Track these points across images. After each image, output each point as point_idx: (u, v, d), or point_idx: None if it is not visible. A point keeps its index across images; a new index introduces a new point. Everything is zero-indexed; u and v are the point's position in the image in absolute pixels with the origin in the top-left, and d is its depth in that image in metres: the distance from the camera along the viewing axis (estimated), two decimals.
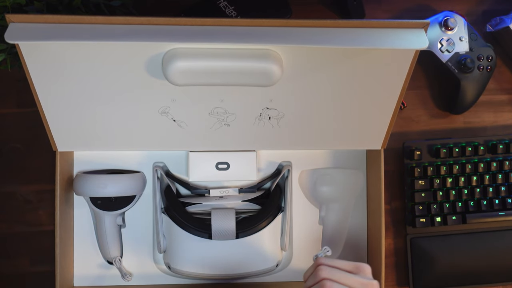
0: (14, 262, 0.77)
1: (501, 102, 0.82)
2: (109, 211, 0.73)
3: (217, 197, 0.74)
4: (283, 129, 0.69)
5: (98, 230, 0.74)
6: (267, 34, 0.55)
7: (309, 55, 0.59)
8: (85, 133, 0.68)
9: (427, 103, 0.81)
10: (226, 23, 0.55)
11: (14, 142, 0.77)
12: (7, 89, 0.77)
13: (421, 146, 0.78)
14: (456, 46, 0.77)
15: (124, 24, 0.54)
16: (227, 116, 0.67)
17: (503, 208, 0.78)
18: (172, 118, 0.67)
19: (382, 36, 0.55)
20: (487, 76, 0.78)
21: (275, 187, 0.75)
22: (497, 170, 0.78)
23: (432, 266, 0.77)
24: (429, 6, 0.81)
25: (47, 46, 0.56)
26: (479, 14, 0.82)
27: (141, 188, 0.74)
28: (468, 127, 0.82)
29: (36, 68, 0.59)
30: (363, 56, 0.60)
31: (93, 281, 0.76)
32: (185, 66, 0.57)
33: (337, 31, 0.56)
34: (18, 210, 0.77)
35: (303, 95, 0.64)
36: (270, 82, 0.59)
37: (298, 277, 0.77)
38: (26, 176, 0.77)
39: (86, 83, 0.61)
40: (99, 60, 0.59)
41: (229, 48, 0.57)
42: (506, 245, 0.78)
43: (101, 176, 0.71)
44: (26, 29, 0.53)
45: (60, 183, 0.70)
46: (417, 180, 0.77)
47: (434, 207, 0.77)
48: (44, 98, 0.63)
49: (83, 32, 0.53)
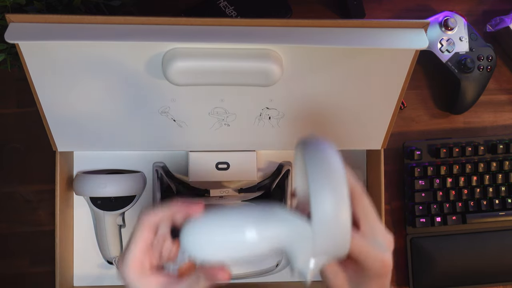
0: (14, 262, 0.77)
1: (501, 102, 0.82)
2: (109, 211, 0.73)
3: (217, 197, 0.74)
4: (283, 129, 0.69)
5: (98, 230, 0.74)
6: (267, 34, 0.55)
7: (309, 55, 0.59)
8: (85, 133, 0.68)
9: (427, 103, 0.81)
10: (226, 23, 0.55)
11: (14, 142, 0.77)
12: (7, 89, 0.77)
13: (421, 146, 0.78)
14: (456, 46, 0.77)
15: (124, 24, 0.54)
16: (227, 116, 0.67)
17: (503, 208, 0.78)
18: (172, 118, 0.67)
19: (382, 36, 0.55)
20: (487, 76, 0.78)
21: (275, 187, 0.75)
22: (497, 170, 0.78)
23: (432, 266, 0.77)
24: (429, 6, 0.81)
25: (47, 46, 0.56)
26: (479, 14, 0.82)
27: (141, 188, 0.74)
28: (468, 127, 0.82)
29: (36, 68, 0.59)
30: (363, 56, 0.60)
31: (93, 281, 0.76)
32: (185, 66, 0.57)
33: (337, 31, 0.56)
34: (18, 210, 0.77)
35: (303, 95, 0.64)
36: (270, 82, 0.59)
37: (298, 278, 0.77)
38: (26, 176, 0.77)
39: (86, 83, 0.61)
40: (99, 60, 0.59)
41: (229, 48, 0.57)
42: (506, 245, 0.78)
43: (101, 176, 0.72)
44: (26, 29, 0.53)
45: (60, 183, 0.70)
46: (417, 180, 0.77)
47: (434, 207, 0.77)
48: (44, 98, 0.63)
49: (83, 32, 0.53)
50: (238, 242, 0.45)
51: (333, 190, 0.42)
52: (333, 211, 0.42)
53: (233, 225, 0.46)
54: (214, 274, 0.47)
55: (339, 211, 0.42)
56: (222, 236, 0.46)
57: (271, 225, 0.45)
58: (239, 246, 0.46)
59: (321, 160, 0.44)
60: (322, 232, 0.43)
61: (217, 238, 0.46)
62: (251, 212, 0.47)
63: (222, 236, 0.46)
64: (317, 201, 0.42)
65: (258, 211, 0.47)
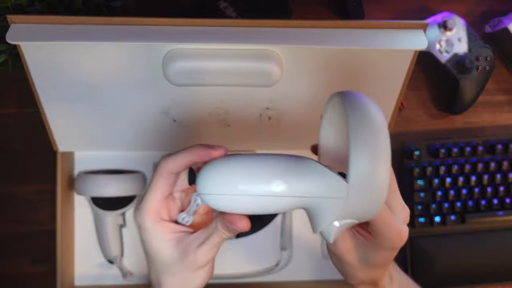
0: (15, 262, 0.77)
1: (500, 103, 0.82)
2: (110, 210, 0.73)
3: None
4: (283, 129, 0.69)
5: (99, 230, 0.74)
6: (267, 35, 0.55)
7: (309, 56, 0.60)
8: (85, 133, 0.68)
9: (426, 104, 0.82)
10: (226, 23, 0.55)
11: (15, 142, 0.77)
12: (8, 89, 0.77)
13: (420, 146, 0.78)
14: (454, 47, 0.77)
15: (125, 25, 0.54)
16: (227, 116, 0.67)
17: (501, 208, 0.78)
18: (172, 118, 0.67)
19: (381, 37, 0.56)
20: (486, 77, 0.79)
21: None
22: (496, 170, 0.78)
23: (431, 265, 0.77)
24: (428, 7, 0.82)
25: (48, 47, 0.57)
26: (478, 15, 0.82)
27: (141, 188, 0.75)
28: (467, 127, 0.82)
29: (37, 68, 0.59)
30: (362, 56, 0.60)
31: (94, 280, 0.76)
32: (185, 67, 0.57)
33: (336, 32, 0.56)
34: (19, 210, 0.77)
35: (303, 95, 0.65)
36: (270, 82, 0.59)
37: (298, 277, 0.77)
38: (27, 176, 0.77)
39: (87, 84, 0.62)
40: (100, 60, 0.59)
41: (229, 48, 0.57)
42: (505, 245, 0.78)
43: (102, 176, 0.72)
44: (27, 30, 0.53)
45: (61, 183, 0.71)
46: (416, 180, 0.78)
47: (433, 207, 0.78)
48: (45, 98, 0.63)
49: (84, 33, 0.53)
50: (263, 193, 0.40)
51: (377, 148, 0.38)
52: (374, 170, 0.38)
53: (259, 173, 0.40)
54: (233, 222, 0.42)
55: (381, 171, 0.38)
56: (245, 185, 0.40)
57: (303, 178, 0.40)
58: (262, 198, 0.40)
59: (365, 115, 0.40)
60: (359, 191, 0.38)
61: (239, 186, 0.40)
62: (280, 161, 0.41)
63: (245, 185, 0.40)
64: (358, 159, 0.38)
65: (288, 161, 0.41)
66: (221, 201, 0.41)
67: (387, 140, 0.39)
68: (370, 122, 0.39)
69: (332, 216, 0.40)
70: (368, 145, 0.38)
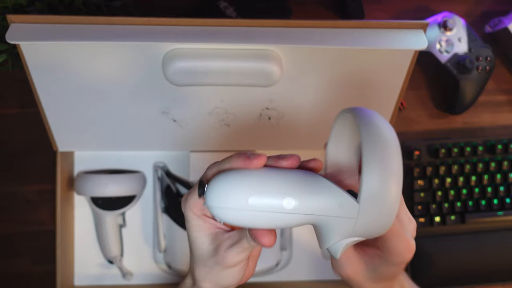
0: (15, 261, 0.77)
1: (500, 103, 0.82)
2: (109, 210, 0.73)
3: None
4: (283, 129, 0.69)
5: (99, 230, 0.74)
6: (267, 35, 0.55)
7: (309, 56, 0.60)
8: (85, 133, 0.68)
9: (426, 104, 0.82)
10: (226, 23, 0.55)
11: (15, 142, 0.77)
12: (8, 89, 0.77)
13: (420, 146, 0.78)
14: (455, 47, 0.77)
15: (125, 25, 0.54)
16: (227, 116, 0.67)
17: (501, 208, 0.78)
18: (172, 118, 0.67)
19: (381, 37, 0.56)
20: (486, 77, 0.79)
21: None
22: (496, 170, 0.78)
23: (431, 265, 0.77)
24: (428, 7, 0.82)
25: (48, 47, 0.57)
26: (478, 15, 0.82)
27: (141, 188, 0.75)
28: (467, 127, 0.82)
29: (37, 68, 0.59)
30: (363, 56, 0.60)
31: (93, 280, 0.76)
32: (185, 67, 0.57)
33: (336, 32, 0.56)
34: (19, 210, 0.77)
35: (303, 95, 0.65)
36: (270, 82, 0.59)
37: (298, 277, 0.77)
38: (27, 176, 0.77)
39: (87, 84, 0.62)
40: (100, 60, 0.59)
41: (229, 48, 0.57)
42: (505, 245, 0.78)
43: (102, 176, 0.72)
44: (27, 30, 0.53)
45: (61, 183, 0.71)
46: (416, 180, 0.78)
47: (433, 207, 0.78)
48: (45, 98, 0.63)
49: (83, 33, 0.54)
50: (273, 209, 0.40)
51: (389, 171, 0.38)
52: (385, 194, 0.38)
53: (269, 189, 0.40)
54: (256, 237, 0.42)
55: (392, 195, 0.38)
56: (254, 200, 0.40)
57: (314, 196, 0.40)
58: (272, 214, 0.40)
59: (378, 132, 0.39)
60: (369, 213, 0.38)
61: (248, 201, 0.40)
62: (291, 177, 0.41)
63: (255, 200, 0.40)
64: (370, 182, 0.38)
65: (299, 177, 0.41)
66: (229, 216, 0.41)
67: (400, 162, 0.39)
68: (384, 145, 0.39)
69: (341, 235, 0.40)
70: (380, 169, 0.38)
